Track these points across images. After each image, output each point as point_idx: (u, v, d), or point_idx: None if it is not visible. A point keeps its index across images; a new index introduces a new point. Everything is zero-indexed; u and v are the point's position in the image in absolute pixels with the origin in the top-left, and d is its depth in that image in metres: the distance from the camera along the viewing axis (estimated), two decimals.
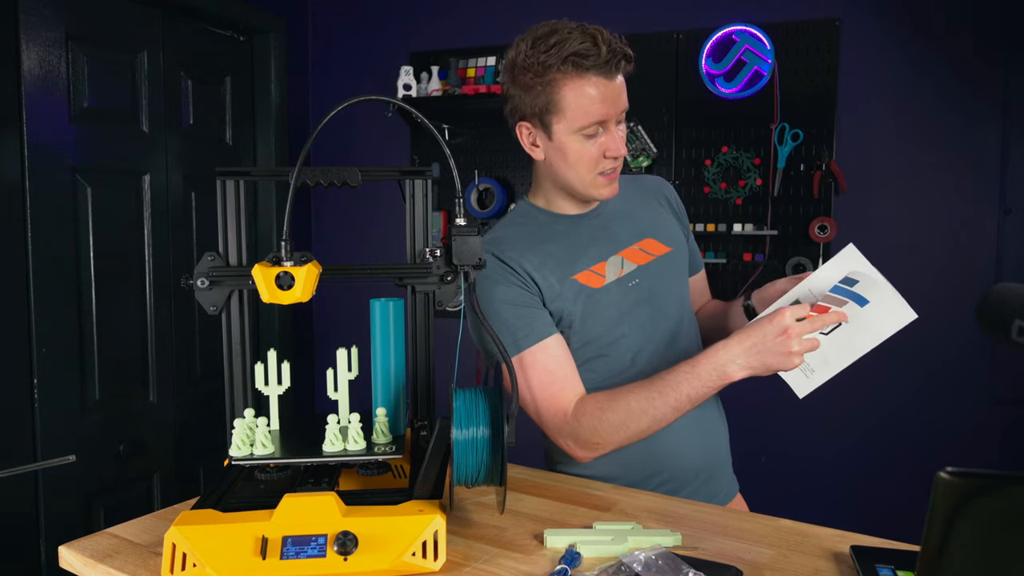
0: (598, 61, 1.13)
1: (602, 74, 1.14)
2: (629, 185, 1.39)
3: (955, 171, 2.19)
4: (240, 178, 1.02)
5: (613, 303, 1.26)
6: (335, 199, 2.98)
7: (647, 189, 1.41)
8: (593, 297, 1.25)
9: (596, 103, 1.15)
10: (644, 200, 1.38)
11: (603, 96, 1.15)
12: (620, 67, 1.16)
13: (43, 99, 2.00)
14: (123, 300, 2.25)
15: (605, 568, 0.86)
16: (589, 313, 1.24)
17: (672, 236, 1.35)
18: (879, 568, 0.85)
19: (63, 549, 0.95)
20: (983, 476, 0.52)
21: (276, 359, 0.99)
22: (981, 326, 0.65)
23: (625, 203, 1.35)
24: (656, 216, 1.37)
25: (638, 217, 1.34)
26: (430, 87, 2.60)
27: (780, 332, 1.07)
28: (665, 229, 1.35)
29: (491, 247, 1.24)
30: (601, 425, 1.17)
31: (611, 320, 1.25)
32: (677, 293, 1.34)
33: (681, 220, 1.42)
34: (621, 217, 1.33)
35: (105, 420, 2.19)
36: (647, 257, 1.31)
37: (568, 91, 1.15)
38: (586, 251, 1.27)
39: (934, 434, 2.24)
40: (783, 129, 2.31)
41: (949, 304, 2.18)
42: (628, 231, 1.31)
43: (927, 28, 2.20)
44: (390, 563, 0.85)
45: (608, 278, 1.26)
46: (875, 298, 1.11)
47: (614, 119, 1.18)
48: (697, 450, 1.30)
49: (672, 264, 1.34)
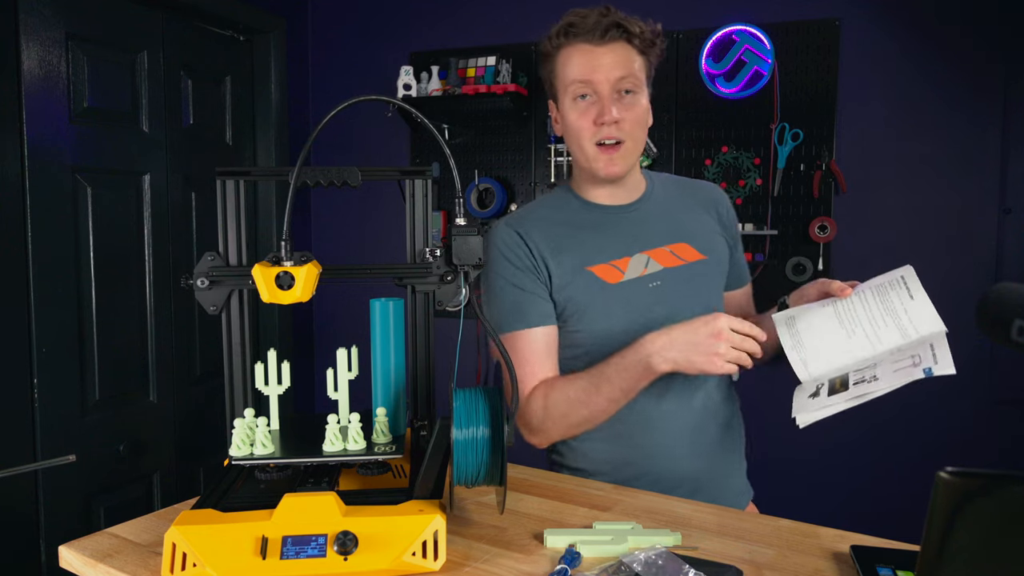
0: (584, 28, 1.18)
1: (588, 40, 1.19)
2: (679, 187, 1.37)
3: (955, 171, 2.19)
4: (240, 178, 1.02)
5: (626, 301, 1.24)
6: (335, 199, 2.98)
7: (697, 194, 1.37)
8: (606, 291, 1.24)
9: (580, 66, 1.19)
10: (690, 204, 1.35)
11: (588, 60, 1.19)
12: (610, 35, 1.18)
13: (43, 99, 2.00)
14: (123, 300, 2.25)
15: (605, 568, 0.86)
16: (598, 307, 1.25)
17: (710, 245, 1.32)
18: (879, 568, 0.85)
19: (63, 549, 0.95)
20: (983, 476, 0.52)
21: (276, 359, 0.99)
22: (981, 326, 0.65)
23: (668, 204, 1.33)
24: (698, 222, 1.33)
25: (678, 220, 1.31)
26: (430, 87, 2.60)
27: (713, 334, 1.06)
28: (704, 237, 1.32)
29: (515, 222, 1.28)
30: (546, 413, 1.21)
31: (620, 318, 1.24)
32: (703, 302, 1.28)
33: (729, 232, 1.37)
34: (659, 216, 1.30)
35: (105, 420, 2.19)
36: (676, 261, 1.28)
37: (561, 59, 1.22)
38: (611, 244, 1.27)
39: (934, 434, 2.24)
40: (783, 129, 2.31)
41: (949, 304, 2.17)
42: (663, 231, 1.29)
43: (927, 28, 2.20)
44: (390, 563, 0.85)
45: (627, 275, 1.25)
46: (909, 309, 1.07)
47: (606, 84, 1.19)
48: (684, 458, 1.26)
49: (703, 273, 1.30)
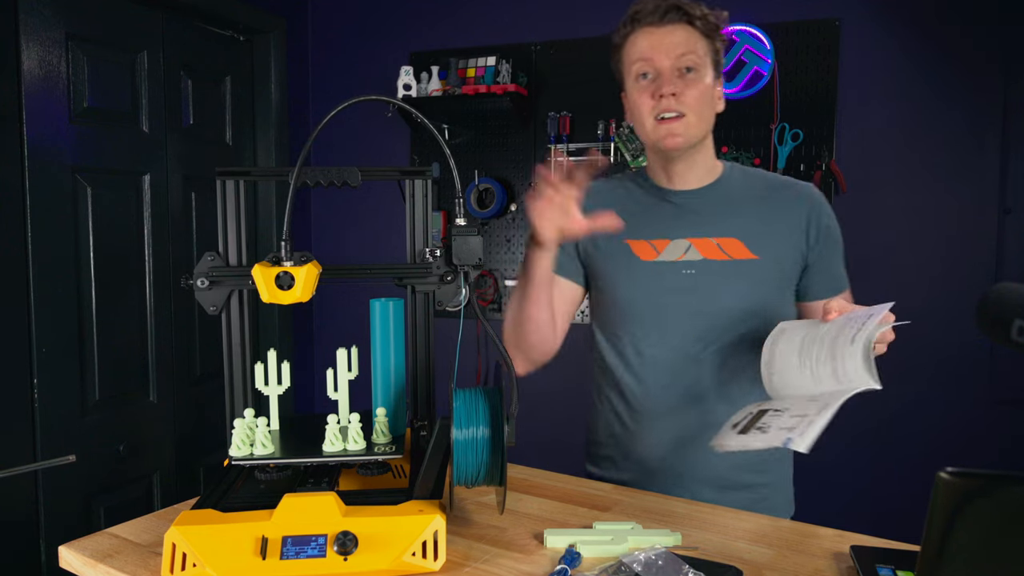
0: (646, 12, 1.22)
1: (650, 23, 1.22)
2: (763, 184, 1.31)
3: (955, 171, 2.19)
4: (240, 178, 1.02)
5: (653, 279, 1.26)
6: (335, 199, 2.98)
7: (782, 195, 1.29)
8: (633, 264, 1.28)
9: (642, 47, 1.22)
10: (766, 202, 1.28)
11: (649, 40, 1.21)
12: (669, 17, 1.21)
13: (43, 99, 2.00)
14: (123, 300, 2.25)
15: (605, 568, 0.86)
16: (622, 277, 1.29)
17: (769, 247, 1.25)
18: (879, 568, 0.85)
19: (63, 549, 0.95)
20: (983, 476, 0.52)
21: (276, 359, 0.99)
22: (981, 326, 0.65)
23: (734, 197, 1.29)
24: (764, 221, 1.26)
25: (738, 214, 1.27)
26: (430, 87, 2.60)
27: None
28: (764, 237, 1.25)
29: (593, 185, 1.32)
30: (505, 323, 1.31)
31: (644, 292, 1.27)
32: (742, 302, 1.24)
33: (812, 239, 1.26)
34: (716, 206, 1.28)
35: (105, 420, 2.19)
36: (720, 255, 1.25)
37: (627, 46, 1.25)
38: (656, 224, 1.29)
39: (934, 434, 2.23)
40: (783, 129, 2.31)
41: (949, 304, 2.18)
42: (716, 224, 1.26)
43: (927, 28, 2.20)
44: (390, 563, 0.85)
45: (662, 256, 1.27)
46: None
47: (666, 62, 1.21)
48: (664, 445, 1.28)
49: (750, 273, 1.25)
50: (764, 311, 1.25)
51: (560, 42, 2.57)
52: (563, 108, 2.56)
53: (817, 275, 1.29)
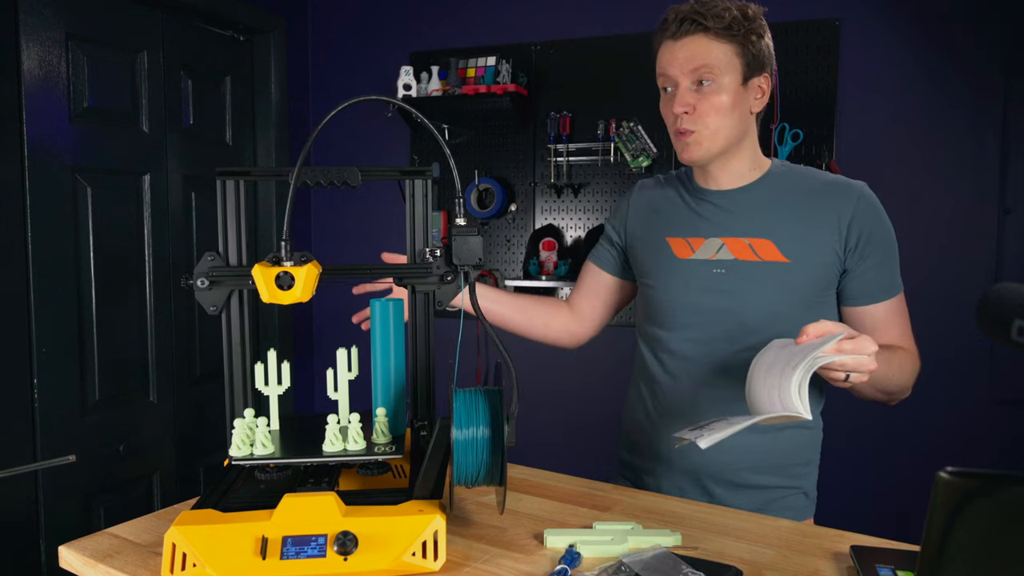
0: (668, 24, 1.23)
1: (671, 36, 1.23)
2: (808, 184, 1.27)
3: (955, 171, 2.19)
4: (240, 178, 1.02)
5: (687, 277, 1.28)
6: (335, 199, 2.98)
7: (827, 195, 1.24)
8: (671, 263, 1.31)
9: (663, 61, 1.25)
10: (807, 204, 1.24)
11: (668, 55, 1.24)
12: (684, 29, 1.21)
13: (43, 99, 2.01)
14: (123, 300, 2.25)
15: (605, 568, 0.86)
16: (663, 274, 1.32)
17: (803, 250, 1.22)
18: (879, 568, 0.85)
19: (63, 549, 0.95)
20: (983, 476, 0.52)
21: (276, 359, 0.99)
22: (981, 326, 0.65)
23: (774, 197, 1.27)
24: (803, 225, 1.23)
25: (774, 215, 1.25)
26: (430, 87, 2.60)
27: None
28: (799, 240, 1.23)
29: (641, 182, 1.45)
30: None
31: (680, 291, 1.29)
32: (769, 305, 1.23)
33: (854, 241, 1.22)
34: (752, 207, 1.27)
35: (105, 420, 2.19)
36: (752, 256, 1.24)
37: (657, 56, 1.28)
38: (694, 223, 1.31)
39: (934, 434, 2.23)
40: (783, 129, 2.31)
41: (949, 304, 2.18)
42: (749, 223, 1.26)
43: (927, 27, 2.20)
44: (390, 563, 0.85)
45: (696, 254, 1.29)
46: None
47: (684, 78, 1.21)
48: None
49: (780, 276, 1.22)
50: (791, 315, 1.21)
51: (560, 42, 2.57)
52: (563, 108, 2.56)
53: (856, 280, 1.24)
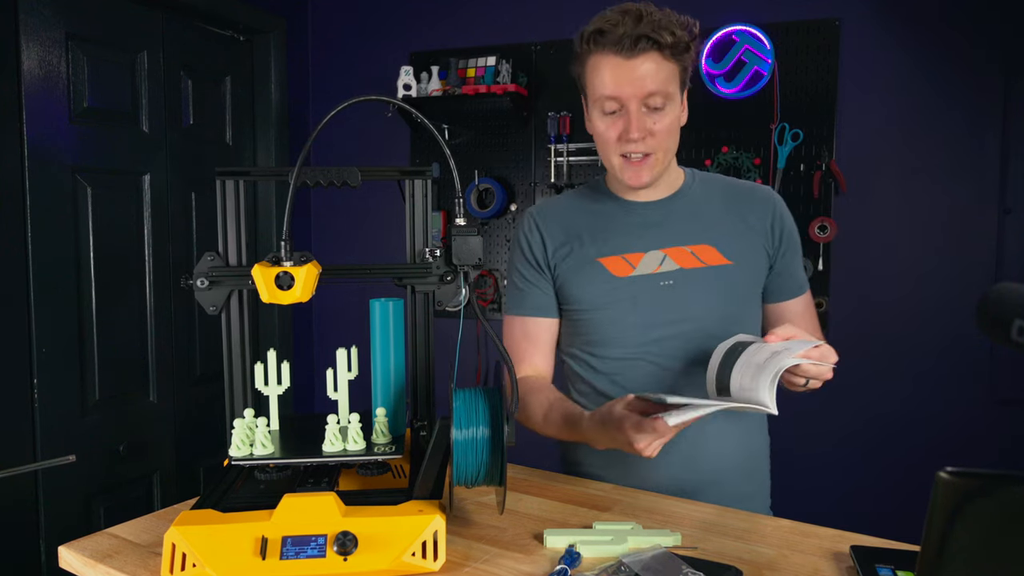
0: (614, 38, 1.12)
1: (617, 52, 1.12)
2: (724, 189, 1.31)
3: (955, 171, 2.19)
4: (240, 178, 1.02)
5: (634, 296, 1.24)
6: (335, 199, 2.98)
7: (744, 199, 1.29)
8: (612, 283, 1.24)
9: (607, 81, 1.14)
10: (730, 207, 1.28)
11: (615, 75, 1.14)
12: (640, 47, 1.11)
13: (43, 99, 2.00)
14: (123, 300, 2.25)
15: (605, 568, 0.86)
16: (602, 298, 1.25)
17: (741, 252, 1.25)
18: (879, 568, 0.85)
19: (63, 549, 0.95)
20: (983, 476, 0.52)
21: (276, 359, 0.99)
22: (981, 326, 0.65)
23: (701, 204, 1.28)
24: (733, 226, 1.26)
25: (707, 221, 1.26)
26: (430, 87, 2.60)
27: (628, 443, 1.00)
28: (736, 242, 1.25)
29: (539, 211, 1.33)
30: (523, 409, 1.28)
31: (626, 311, 1.24)
32: (721, 308, 1.24)
33: (777, 241, 1.28)
34: (685, 215, 1.27)
35: (105, 420, 2.19)
36: (696, 263, 1.24)
37: (588, 67, 1.18)
38: (627, 238, 1.26)
39: (934, 434, 2.23)
40: (783, 129, 2.31)
41: (949, 304, 2.18)
42: (687, 231, 1.25)
43: (927, 28, 2.20)
44: (390, 563, 0.85)
45: (638, 270, 1.24)
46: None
47: (634, 101, 1.14)
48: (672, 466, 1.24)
49: (726, 278, 1.24)
50: (741, 315, 1.26)
51: (560, 42, 2.57)
52: (563, 108, 2.56)
53: (781, 278, 1.30)
